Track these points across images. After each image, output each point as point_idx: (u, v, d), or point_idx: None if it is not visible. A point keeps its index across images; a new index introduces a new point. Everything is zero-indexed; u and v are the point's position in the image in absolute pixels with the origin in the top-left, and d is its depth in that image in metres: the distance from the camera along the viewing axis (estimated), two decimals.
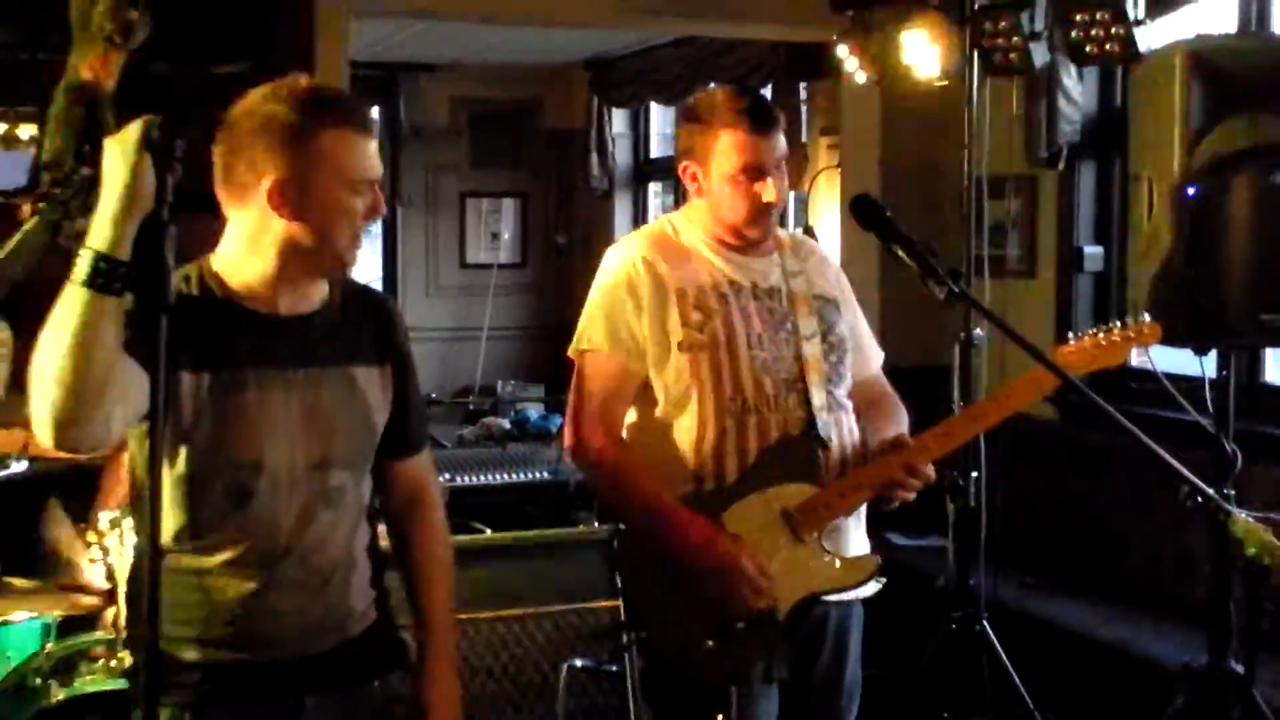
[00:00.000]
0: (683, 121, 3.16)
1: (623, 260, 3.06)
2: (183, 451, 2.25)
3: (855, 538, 3.09)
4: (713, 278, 3.04)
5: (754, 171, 2.99)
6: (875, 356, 3.28)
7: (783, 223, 7.83)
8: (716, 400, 2.97)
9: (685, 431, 2.98)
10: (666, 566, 2.92)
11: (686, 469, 2.98)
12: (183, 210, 1.99)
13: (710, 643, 2.89)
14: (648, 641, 3.06)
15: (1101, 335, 3.07)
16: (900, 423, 3.14)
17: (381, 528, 2.58)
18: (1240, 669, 3.60)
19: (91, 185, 3.55)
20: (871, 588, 3.07)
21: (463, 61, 9.18)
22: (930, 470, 2.97)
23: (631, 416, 3.06)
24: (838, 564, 2.98)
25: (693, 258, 3.06)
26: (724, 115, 3.00)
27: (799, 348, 3.03)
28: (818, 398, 3.01)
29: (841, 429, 3.05)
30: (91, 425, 2.06)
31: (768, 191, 2.99)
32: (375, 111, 9.11)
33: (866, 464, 3.01)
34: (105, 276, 2.01)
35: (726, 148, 2.99)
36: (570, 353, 3.10)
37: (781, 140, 3.04)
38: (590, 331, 3.04)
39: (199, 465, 2.27)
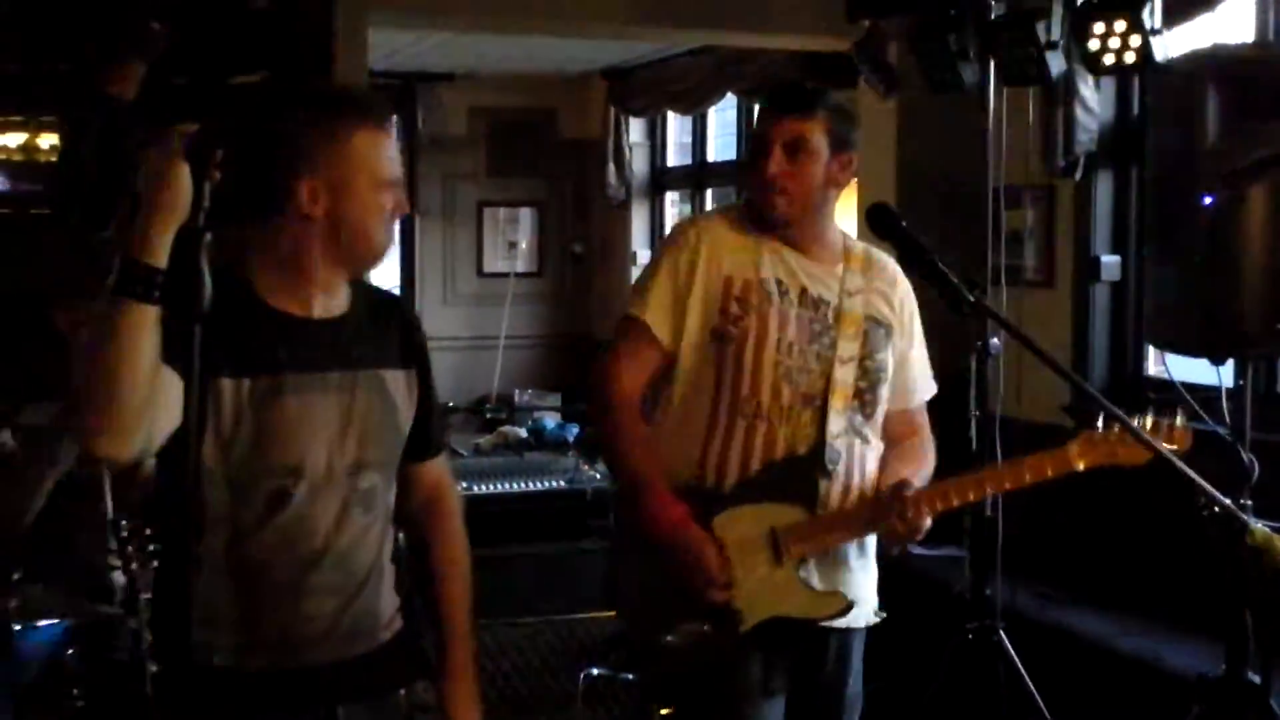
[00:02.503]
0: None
1: (685, 236, 3.09)
2: (223, 457, 2.27)
3: (859, 579, 3.07)
4: (763, 273, 3.03)
5: (760, 146, 3.02)
6: (922, 390, 3.24)
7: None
8: (733, 398, 2.98)
9: (697, 424, 3.00)
10: (646, 554, 2.93)
11: (691, 460, 3.00)
12: (218, 218, 2.01)
13: (669, 637, 2.92)
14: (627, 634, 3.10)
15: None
16: (921, 468, 3.10)
17: None
18: (1257, 679, 3.59)
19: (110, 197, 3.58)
20: (868, 619, 3.07)
21: (480, 71, 9.20)
22: (925, 523, 2.94)
23: (654, 404, 3.08)
24: (808, 593, 2.97)
25: (749, 246, 3.05)
26: (767, 95, 3.21)
27: (831, 367, 3.00)
28: (836, 424, 2.99)
29: (853, 459, 3.02)
30: (135, 434, 2.07)
31: (764, 167, 3.00)
32: (393, 121, 9.12)
33: (860, 504, 3.00)
34: (142, 285, 2.02)
35: (756, 122, 3.09)
36: (623, 313, 3.12)
37: (806, 125, 3.01)
38: (637, 298, 3.07)
39: (240, 470, 2.28)
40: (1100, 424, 2.97)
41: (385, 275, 9.45)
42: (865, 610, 3.11)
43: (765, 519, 2.95)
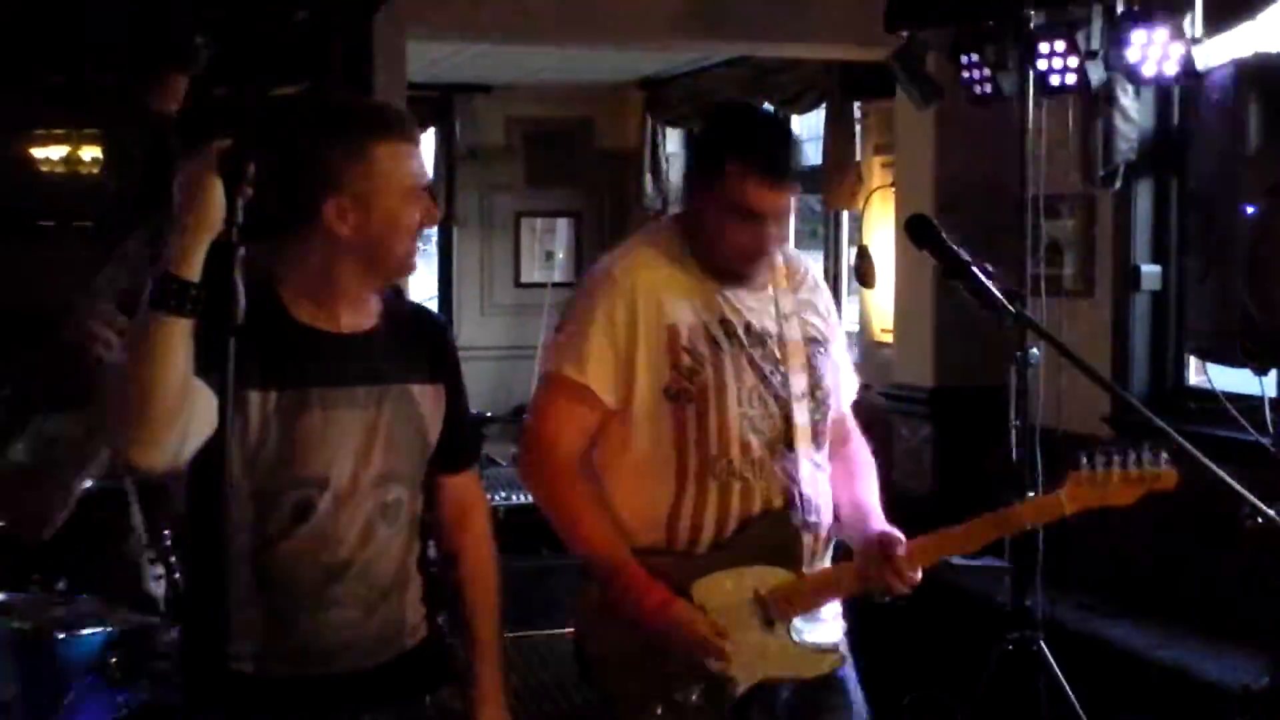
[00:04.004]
0: (706, 138, 2.98)
1: (618, 283, 2.84)
2: (249, 468, 2.29)
3: (834, 622, 2.99)
4: (708, 314, 2.84)
5: (757, 215, 2.78)
6: (850, 391, 3.10)
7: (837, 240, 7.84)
8: (700, 459, 2.81)
9: (662, 486, 2.83)
10: (626, 626, 2.80)
11: (657, 523, 2.84)
12: (252, 233, 2.03)
13: (660, 709, 2.80)
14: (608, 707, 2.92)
15: (1117, 473, 2.88)
16: (872, 476, 3.03)
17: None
18: None
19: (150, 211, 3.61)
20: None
21: (518, 82, 9.23)
22: (918, 575, 2.84)
23: (599, 450, 2.89)
24: (800, 653, 2.89)
25: (690, 287, 2.85)
26: (747, 154, 2.77)
27: (789, 409, 2.86)
28: (804, 469, 2.87)
29: (822, 501, 2.92)
30: (167, 445, 2.10)
31: (760, 241, 2.80)
32: (430, 132, 9.17)
33: (850, 566, 2.90)
34: (176, 298, 2.04)
35: (735, 183, 2.76)
36: (545, 366, 2.89)
37: (792, 195, 2.82)
38: (572, 354, 2.82)
39: (265, 481, 2.31)
40: (1085, 461, 2.87)
41: (422, 286, 9.49)
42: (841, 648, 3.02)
43: (747, 583, 2.83)
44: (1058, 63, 4.64)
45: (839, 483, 3.00)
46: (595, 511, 2.84)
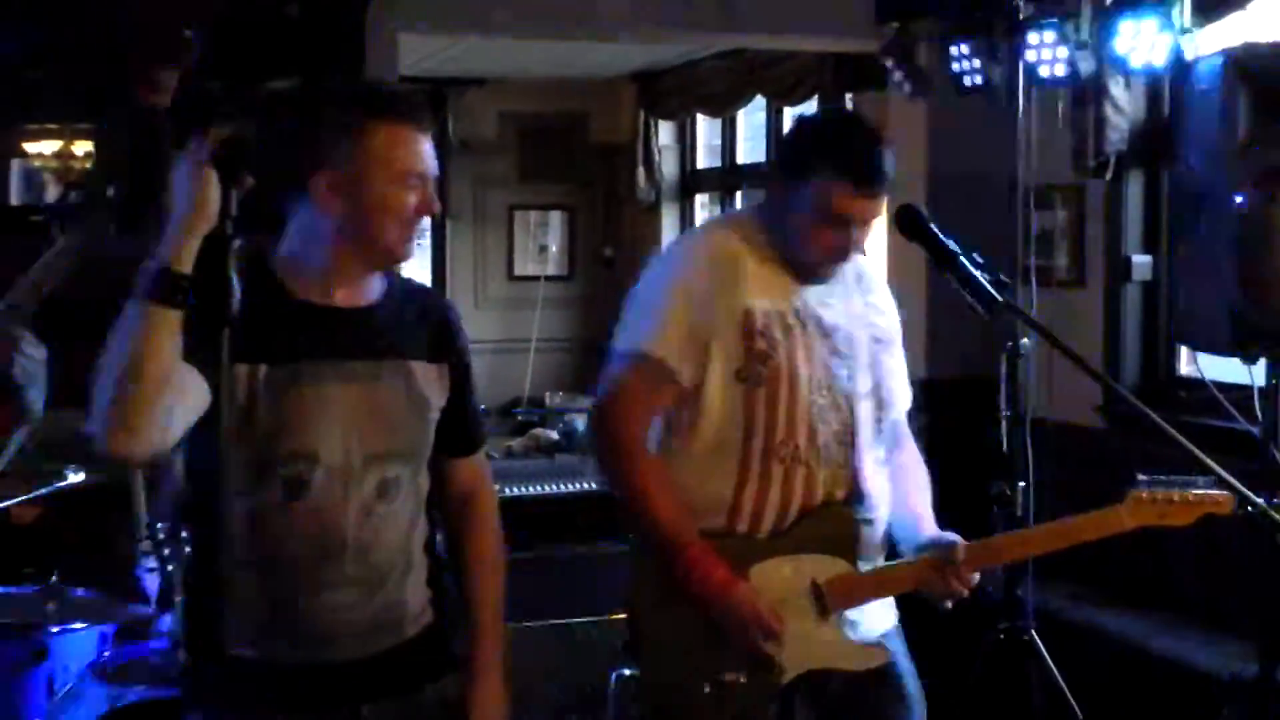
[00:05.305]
0: (802, 135, 2.99)
1: (700, 262, 2.88)
2: (240, 443, 2.27)
3: (886, 613, 3.03)
4: (781, 304, 2.87)
5: (844, 220, 2.83)
6: (905, 399, 3.13)
7: None
8: (766, 442, 2.84)
9: (727, 469, 2.86)
10: (680, 604, 2.83)
11: (720, 507, 2.87)
12: (246, 225, 2.03)
13: (708, 687, 2.82)
14: (650, 685, 2.96)
15: (1176, 494, 2.94)
16: (925, 486, 3.07)
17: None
18: None
19: (121, 205, 3.61)
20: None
21: (511, 76, 9.23)
22: (975, 578, 2.91)
23: (665, 431, 2.92)
24: (850, 646, 2.91)
25: (769, 276, 2.88)
26: (845, 160, 2.79)
27: (854, 403, 2.90)
28: (867, 464, 2.92)
29: (881, 493, 2.96)
30: (146, 432, 2.09)
31: (846, 245, 2.85)
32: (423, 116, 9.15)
33: (910, 568, 2.93)
34: (168, 290, 2.04)
35: (828, 187, 2.79)
36: (620, 345, 2.94)
37: (884, 203, 2.88)
38: (650, 330, 2.87)
39: (256, 457, 2.29)
40: (1144, 480, 2.94)
41: (416, 277, 9.48)
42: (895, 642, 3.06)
43: (805, 571, 2.86)
44: (1047, 54, 4.66)
45: (893, 487, 3.02)
46: (665, 488, 2.85)
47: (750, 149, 8.78)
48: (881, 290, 3.08)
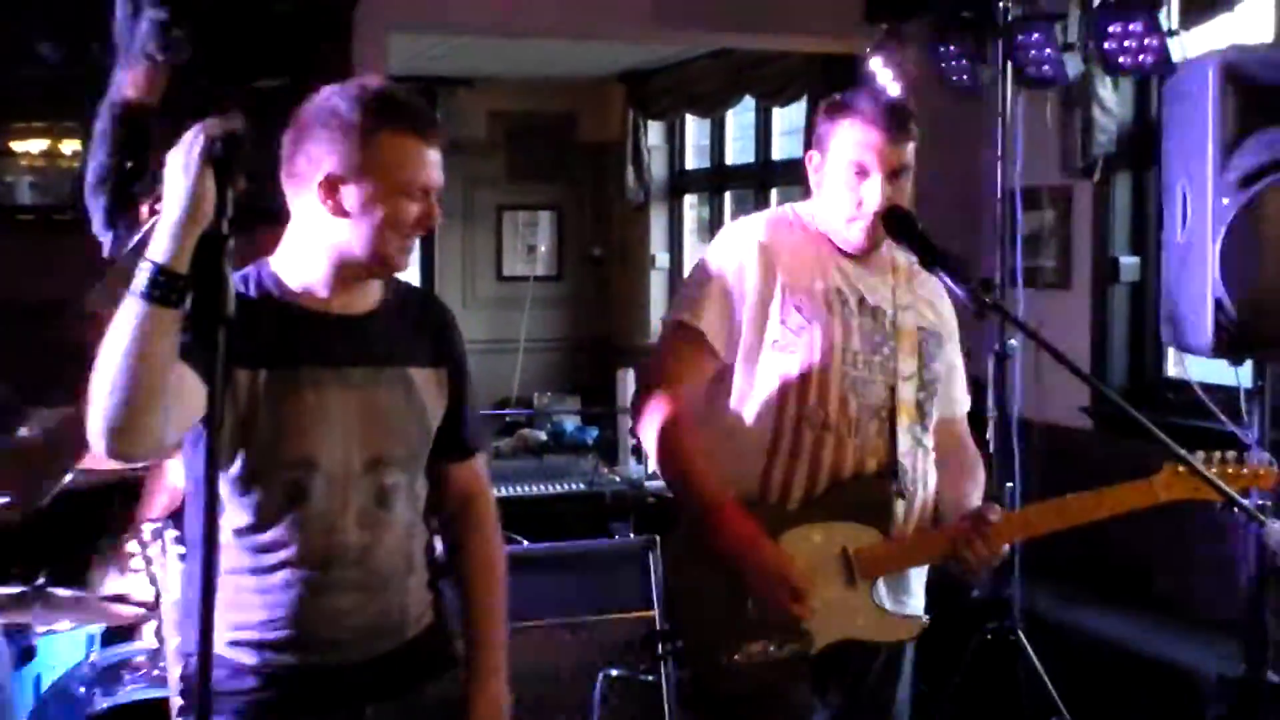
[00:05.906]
0: (820, 111, 3.06)
1: (740, 242, 2.98)
2: (239, 450, 2.27)
3: (916, 588, 3.04)
4: (823, 282, 2.94)
5: (864, 170, 2.91)
6: (963, 400, 3.18)
7: None
8: (797, 407, 2.89)
9: (759, 436, 2.92)
10: (711, 570, 2.87)
11: (752, 474, 2.92)
12: (244, 222, 2.01)
13: (736, 656, 2.86)
14: (684, 651, 3.04)
15: (1215, 468, 2.95)
16: (980, 483, 3.09)
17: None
18: (1277, 679, 3.59)
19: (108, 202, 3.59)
20: (920, 626, 3.03)
21: (500, 75, 9.23)
22: (1004, 552, 2.93)
23: (704, 403, 2.98)
24: (880, 616, 2.93)
25: (808, 254, 2.97)
26: (856, 107, 2.92)
27: (895, 379, 2.94)
28: (904, 441, 2.94)
29: (919, 474, 2.98)
30: (144, 433, 2.08)
31: (870, 196, 2.90)
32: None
33: (942, 529, 2.96)
34: (163, 289, 2.03)
35: (845, 138, 2.92)
36: (665, 316, 3.05)
37: (907, 150, 2.95)
38: (690, 303, 2.96)
39: (255, 463, 2.28)
40: (1178, 456, 2.85)
41: (404, 278, 9.46)
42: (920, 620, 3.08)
43: (836, 539, 2.89)
44: (1035, 55, 4.66)
45: (945, 483, 3.05)
46: (703, 451, 2.92)
47: (739, 149, 8.79)
48: (936, 290, 3.09)
